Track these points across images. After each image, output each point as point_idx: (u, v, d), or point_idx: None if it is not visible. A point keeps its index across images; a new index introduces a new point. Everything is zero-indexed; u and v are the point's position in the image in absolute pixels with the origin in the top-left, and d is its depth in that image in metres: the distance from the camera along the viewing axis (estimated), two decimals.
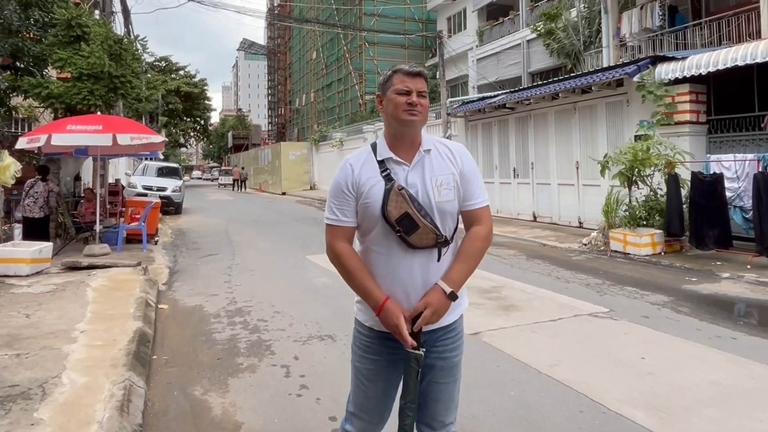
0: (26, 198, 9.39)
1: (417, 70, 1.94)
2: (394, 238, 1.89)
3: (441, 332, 2.00)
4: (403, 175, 1.92)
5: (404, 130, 1.93)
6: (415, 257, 1.90)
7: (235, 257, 9.67)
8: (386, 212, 1.85)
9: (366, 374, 2.05)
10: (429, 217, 1.88)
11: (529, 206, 13.74)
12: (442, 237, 1.90)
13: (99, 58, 9.63)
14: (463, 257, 1.96)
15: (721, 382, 3.81)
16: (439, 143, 2.03)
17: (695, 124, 9.49)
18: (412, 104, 1.88)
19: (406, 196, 1.86)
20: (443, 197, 1.92)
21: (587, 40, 17.68)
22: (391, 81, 1.94)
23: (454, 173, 1.96)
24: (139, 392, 3.59)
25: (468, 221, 2.03)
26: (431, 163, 1.95)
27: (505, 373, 4.04)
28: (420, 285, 1.91)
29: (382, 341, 2.00)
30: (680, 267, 7.86)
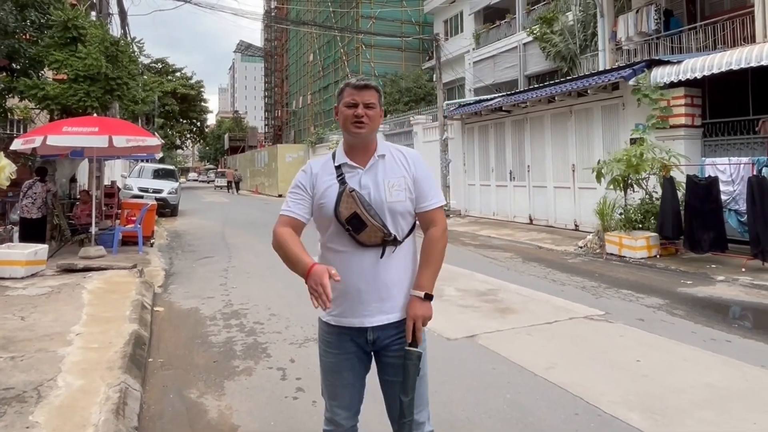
0: (24, 199, 9.36)
1: (364, 83, 2.07)
2: (347, 237, 2.02)
3: (393, 328, 2.09)
4: (357, 178, 2.06)
5: (355, 139, 2.08)
6: (365, 254, 2.03)
7: (231, 260, 9.66)
8: (338, 212, 2.00)
9: (331, 367, 2.16)
10: (378, 217, 2.01)
11: (525, 209, 13.77)
12: (391, 236, 2.02)
13: (95, 59, 9.62)
14: (427, 262, 2.10)
15: (715, 385, 3.83)
16: (395, 149, 2.17)
17: (690, 127, 9.54)
18: (358, 116, 2.03)
19: (356, 198, 2.00)
20: (394, 197, 2.05)
21: (583, 43, 17.74)
22: (342, 95, 2.09)
23: (406, 177, 2.09)
24: (134, 395, 3.58)
25: (424, 223, 2.15)
26: (384, 167, 2.09)
27: (500, 375, 4.05)
28: (371, 280, 2.03)
29: (341, 336, 2.11)
30: (675, 270, 7.89)
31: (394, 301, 2.07)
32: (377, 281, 2.03)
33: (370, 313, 2.05)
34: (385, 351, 2.11)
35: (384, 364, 2.14)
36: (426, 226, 2.15)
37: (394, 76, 31.15)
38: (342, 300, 2.06)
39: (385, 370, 2.14)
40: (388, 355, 2.11)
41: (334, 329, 2.12)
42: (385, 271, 2.04)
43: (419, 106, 27.11)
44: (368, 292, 2.04)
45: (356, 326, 2.07)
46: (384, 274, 2.04)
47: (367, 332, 2.07)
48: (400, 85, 29.66)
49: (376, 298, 2.04)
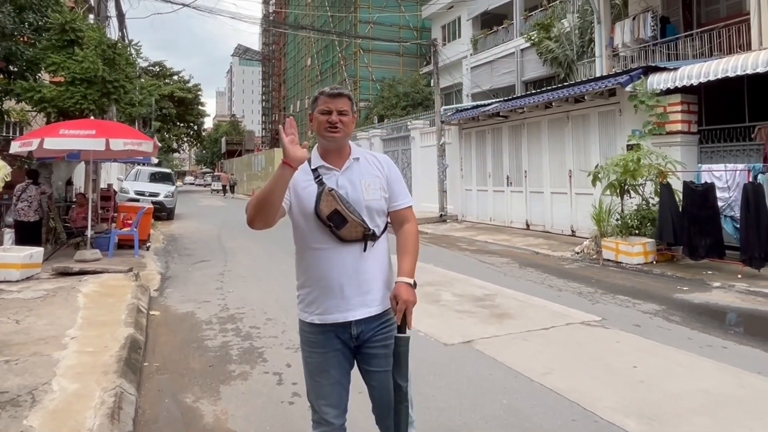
0: (19, 202, 9.32)
1: (337, 91, 2.17)
2: (328, 234, 2.11)
3: (375, 321, 2.17)
4: (334, 178, 2.17)
5: (330, 144, 2.19)
6: (346, 249, 2.12)
7: (227, 263, 9.63)
8: (318, 210, 2.09)
9: (316, 367, 2.20)
10: (357, 213, 2.11)
11: (522, 214, 13.79)
12: (370, 230, 2.13)
13: (92, 62, 9.61)
14: (407, 252, 2.23)
15: (711, 391, 3.83)
16: (368, 154, 2.31)
17: (687, 134, 9.58)
18: (332, 122, 2.13)
19: (336, 196, 2.11)
20: (371, 196, 2.17)
21: (580, 49, 17.84)
22: (316, 102, 2.19)
23: (380, 177, 2.23)
24: (129, 399, 3.56)
25: (397, 221, 2.29)
26: (360, 168, 2.22)
27: (497, 381, 4.04)
28: (352, 274, 2.12)
29: (326, 334, 2.17)
30: (672, 276, 7.91)
31: (373, 294, 2.15)
32: (359, 275, 2.13)
33: (353, 307, 2.12)
34: (368, 343, 2.18)
35: (367, 356, 2.20)
36: (400, 223, 2.29)
37: (391, 80, 31.25)
38: (325, 297, 2.13)
39: (368, 362, 2.20)
40: (372, 346, 2.18)
41: (317, 328, 2.17)
42: (365, 265, 2.14)
43: (416, 110, 27.17)
44: (350, 287, 2.12)
45: (340, 322, 2.13)
46: (365, 268, 2.14)
47: (351, 327, 2.14)
48: (398, 89, 29.73)
49: (358, 291, 2.13)
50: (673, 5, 14.44)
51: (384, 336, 2.19)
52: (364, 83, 33.79)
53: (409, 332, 2.12)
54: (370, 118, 29.49)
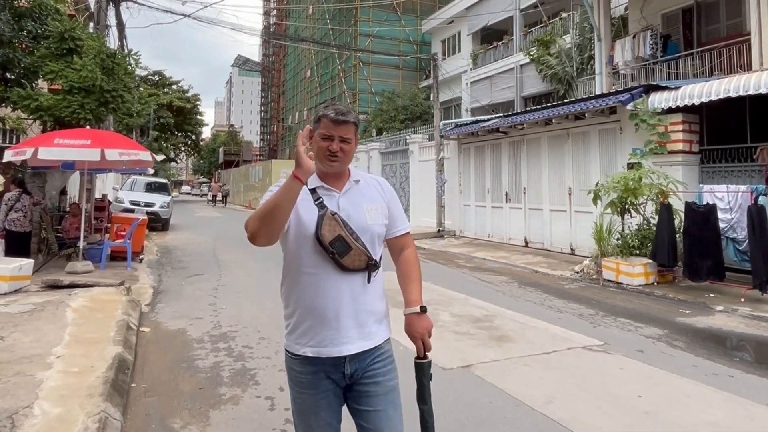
0: (12, 212, 9.13)
1: (343, 118, 2.01)
2: (327, 260, 1.97)
3: (369, 357, 2.03)
4: (334, 200, 2.04)
5: (327, 170, 2.06)
6: (346, 279, 1.99)
7: (221, 277, 9.47)
8: (320, 236, 1.94)
9: (305, 408, 2.04)
10: (360, 240, 1.99)
11: (521, 231, 13.68)
12: (373, 260, 2.02)
13: (91, 71, 9.51)
14: (412, 278, 2.18)
15: (719, 424, 3.69)
16: (368, 176, 2.21)
17: (688, 153, 9.52)
18: (332, 151, 2.00)
19: (339, 221, 1.98)
20: (373, 220, 2.06)
21: (580, 66, 17.87)
22: (319, 124, 2.05)
23: (381, 202, 2.13)
24: (114, 425, 3.40)
25: (397, 247, 2.22)
26: (361, 191, 2.11)
27: (497, 410, 3.90)
28: (350, 305, 1.98)
29: (316, 374, 2.01)
30: (673, 298, 7.78)
31: (370, 327, 2.03)
32: (357, 306, 2.00)
33: (348, 340, 1.98)
34: (361, 380, 2.03)
35: (358, 393, 2.04)
36: (400, 249, 2.21)
37: (390, 93, 31.29)
38: (319, 328, 1.98)
39: (359, 400, 2.04)
40: (364, 382, 2.03)
41: (307, 367, 2.01)
42: (365, 297, 2.02)
43: (415, 124, 27.17)
44: (347, 318, 1.98)
45: (334, 356, 1.98)
46: (364, 300, 2.02)
47: (345, 364, 2.00)
48: (397, 102, 29.76)
49: (355, 324, 1.99)
50: (674, 24, 14.48)
51: (375, 372, 2.04)
52: (363, 96, 33.83)
53: (429, 356, 2.10)
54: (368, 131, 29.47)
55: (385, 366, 2.06)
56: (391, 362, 2.10)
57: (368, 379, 2.03)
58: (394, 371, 2.10)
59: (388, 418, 2.02)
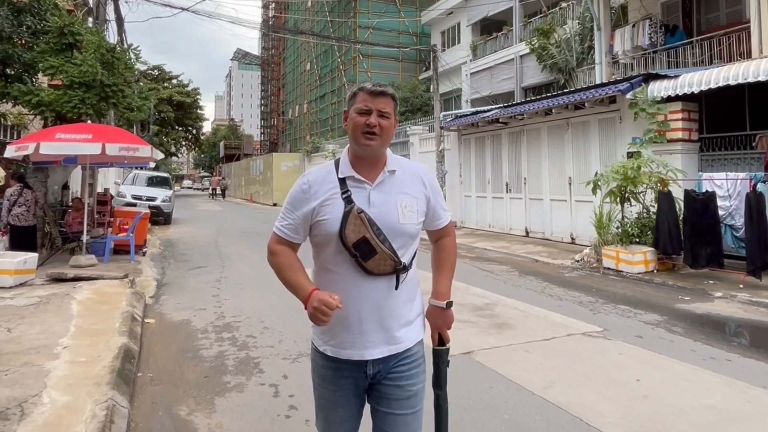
0: (15, 207, 9.19)
1: (381, 89, 1.87)
2: (350, 262, 1.84)
3: (393, 359, 1.92)
4: (365, 194, 1.86)
5: (364, 151, 1.88)
6: (372, 283, 1.85)
7: (224, 270, 9.54)
8: (344, 236, 1.80)
9: (326, 402, 1.99)
10: (388, 242, 1.83)
11: (522, 221, 13.73)
12: (401, 264, 1.85)
13: (91, 66, 9.53)
14: (444, 269, 2.07)
15: (717, 407, 3.75)
16: (406, 164, 1.99)
17: (687, 142, 9.54)
18: (371, 125, 1.83)
19: (365, 220, 1.81)
20: (407, 219, 1.88)
21: (580, 56, 17.83)
22: (355, 99, 1.89)
23: (419, 198, 1.93)
24: (122, 412, 3.47)
25: (436, 235, 2.09)
26: (396, 184, 1.91)
27: (498, 394, 3.96)
28: (374, 310, 1.86)
29: (338, 371, 1.93)
30: (673, 285, 7.84)
31: (397, 332, 1.89)
32: (382, 311, 1.86)
33: (371, 345, 1.87)
34: (384, 381, 1.93)
35: (380, 395, 1.94)
36: (437, 237, 2.09)
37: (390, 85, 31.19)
38: (341, 329, 1.87)
39: (378, 401, 1.95)
40: (386, 384, 1.93)
41: (330, 363, 1.93)
42: (392, 302, 1.88)
43: (416, 116, 27.14)
44: (371, 322, 1.86)
45: (355, 359, 1.88)
46: (391, 305, 1.87)
47: (367, 366, 1.90)
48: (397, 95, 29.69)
49: (379, 328, 1.87)
50: (673, 13, 14.44)
51: (400, 375, 1.92)
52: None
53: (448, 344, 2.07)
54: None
55: (410, 369, 1.94)
56: (418, 365, 1.96)
57: (391, 382, 1.92)
58: (421, 374, 1.98)
59: (405, 424, 1.92)
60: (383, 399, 1.93)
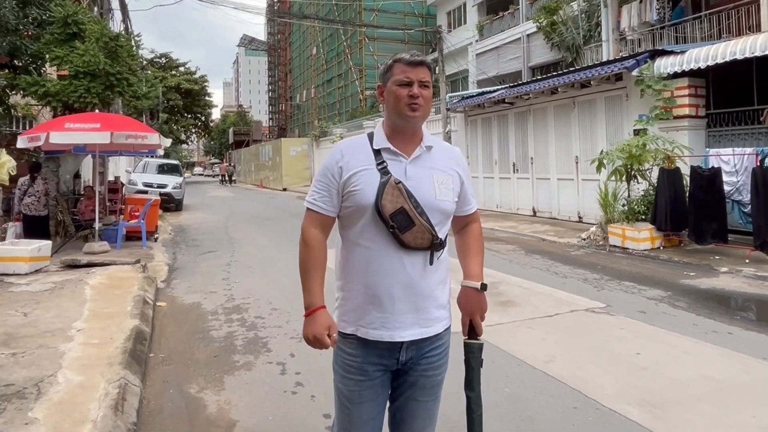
0: (26, 196, 9.37)
1: (419, 59, 1.80)
2: (386, 234, 1.76)
3: (427, 345, 1.87)
4: (401, 167, 1.81)
5: (406, 124, 1.83)
6: (406, 258, 1.78)
7: (234, 254, 9.68)
8: (380, 206, 1.73)
9: (349, 396, 1.87)
10: (425, 215, 1.77)
11: (529, 201, 13.73)
12: (438, 239, 1.79)
13: (94, 55, 9.62)
14: (474, 252, 1.98)
15: (715, 377, 3.81)
16: (442, 143, 1.98)
17: (694, 118, 9.46)
18: (414, 96, 1.77)
19: (404, 191, 1.75)
20: (443, 196, 1.83)
21: (587, 34, 17.61)
22: (391, 71, 1.82)
23: (454, 175, 1.89)
24: (134, 390, 3.60)
25: (462, 223, 2.02)
26: (432, 159, 1.86)
27: (499, 369, 4.04)
28: (408, 287, 1.78)
29: (366, 358, 1.83)
30: (678, 261, 7.85)
31: (430, 312, 1.83)
32: (415, 289, 1.78)
33: (402, 326, 1.78)
34: (413, 369, 1.86)
35: (406, 382, 1.88)
36: (464, 224, 2.02)
37: None
38: (371, 308, 1.79)
39: (405, 388, 1.89)
40: (415, 373, 1.87)
41: (357, 349, 1.83)
42: (426, 279, 1.80)
43: None
44: (403, 301, 1.78)
45: (386, 340, 1.79)
46: (425, 283, 1.80)
47: (401, 351, 1.82)
48: None
49: (412, 308, 1.79)
50: None
51: (429, 364, 1.87)
52: (370, 71, 33.59)
53: (481, 339, 1.94)
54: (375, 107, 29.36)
55: (440, 359, 1.90)
56: (445, 354, 1.94)
57: (419, 370, 1.87)
58: (446, 365, 1.95)
59: (427, 410, 1.92)
60: (408, 386, 1.89)
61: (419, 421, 1.94)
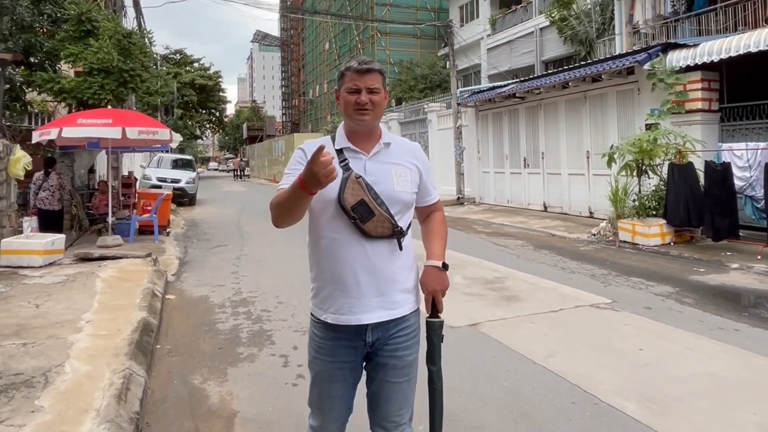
0: (41, 191, 9.55)
1: (367, 66, 1.92)
2: (349, 225, 1.88)
3: (393, 327, 1.95)
4: (362, 164, 1.94)
5: (357, 126, 1.96)
6: (369, 246, 1.89)
7: (244, 248, 9.78)
8: (342, 199, 1.86)
9: (320, 376, 2.01)
10: (385, 206, 1.88)
11: (540, 196, 13.65)
12: (398, 227, 1.91)
13: (107, 53, 9.76)
14: (436, 236, 2.09)
15: (717, 374, 3.79)
16: (400, 140, 2.09)
17: (707, 112, 9.33)
18: (361, 103, 1.90)
19: (363, 185, 1.88)
20: (402, 187, 1.95)
21: (600, 27, 17.40)
22: (343, 79, 1.96)
23: (412, 169, 2.01)
24: (138, 381, 3.68)
25: (425, 212, 2.15)
26: (390, 155, 1.99)
27: (499, 363, 4.06)
28: (372, 274, 1.89)
29: (336, 341, 1.95)
30: (689, 257, 7.77)
31: (394, 296, 1.93)
32: (378, 274, 1.89)
33: (368, 309, 1.89)
34: (382, 350, 1.96)
35: (378, 365, 1.99)
36: (427, 213, 2.14)
37: (409, 63, 30.97)
38: (339, 294, 1.91)
39: (378, 370, 2.00)
40: (385, 354, 1.97)
41: (328, 333, 1.95)
42: (388, 264, 1.92)
43: (435, 93, 26.91)
44: (368, 286, 1.89)
45: (353, 324, 1.90)
46: (387, 268, 1.91)
47: (366, 333, 1.92)
48: (416, 72, 29.47)
49: (376, 292, 1.90)
50: None
51: (397, 345, 1.96)
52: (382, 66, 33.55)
53: (442, 316, 2.01)
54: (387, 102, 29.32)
55: (408, 340, 1.98)
56: (414, 336, 2.01)
57: (389, 352, 1.96)
58: (417, 345, 2.02)
59: (401, 391, 2.00)
60: (380, 368, 1.99)
61: (394, 403, 2.01)
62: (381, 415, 2.02)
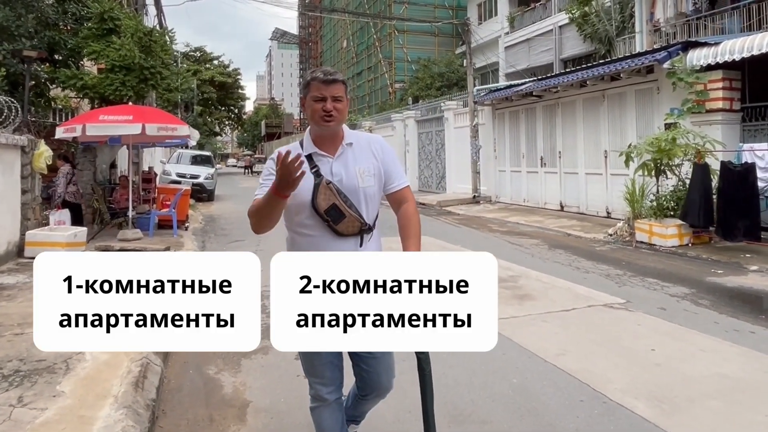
0: (71, 185, 9.83)
1: (331, 77, 2.09)
2: (323, 224, 2.11)
3: None
4: (328, 166, 2.15)
5: (323, 131, 2.15)
6: (341, 242, 2.13)
7: (260, 243, 9.86)
8: (316, 204, 2.08)
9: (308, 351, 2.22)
10: (354, 207, 2.12)
11: (557, 196, 13.57)
12: (366, 225, 2.15)
13: (129, 50, 9.94)
14: (410, 234, 2.19)
15: (730, 375, 3.76)
16: (361, 137, 2.30)
17: (728, 111, 9.20)
18: (327, 111, 2.08)
19: (334, 190, 2.09)
20: (366, 183, 2.16)
21: (620, 25, 17.22)
22: (309, 88, 2.12)
23: (375, 163, 2.21)
24: (155, 369, 3.78)
25: (395, 201, 2.28)
26: (354, 154, 2.20)
27: (509, 360, 4.08)
28: None
29: None
30: (707, 259, 7.68)
31: None
32: None
33: None
34: None
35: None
36: (398, 203, 2.27)
37: (426, 61, 30.92)
38: None
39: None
40: None
41: None
42: None
43: (452, 91, 26.84)
44: None
45: None
46: None
47: None
48: (433, 70, 29.42)
49: None
50: None
51: None
52: (399, 64, 33.58)
53: None
54: (404, 100, 29.33)
55: None
56: None
57: None
58: None
59: (384, 361, 2.29)
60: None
61: (378, 374, 2.30)
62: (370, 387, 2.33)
